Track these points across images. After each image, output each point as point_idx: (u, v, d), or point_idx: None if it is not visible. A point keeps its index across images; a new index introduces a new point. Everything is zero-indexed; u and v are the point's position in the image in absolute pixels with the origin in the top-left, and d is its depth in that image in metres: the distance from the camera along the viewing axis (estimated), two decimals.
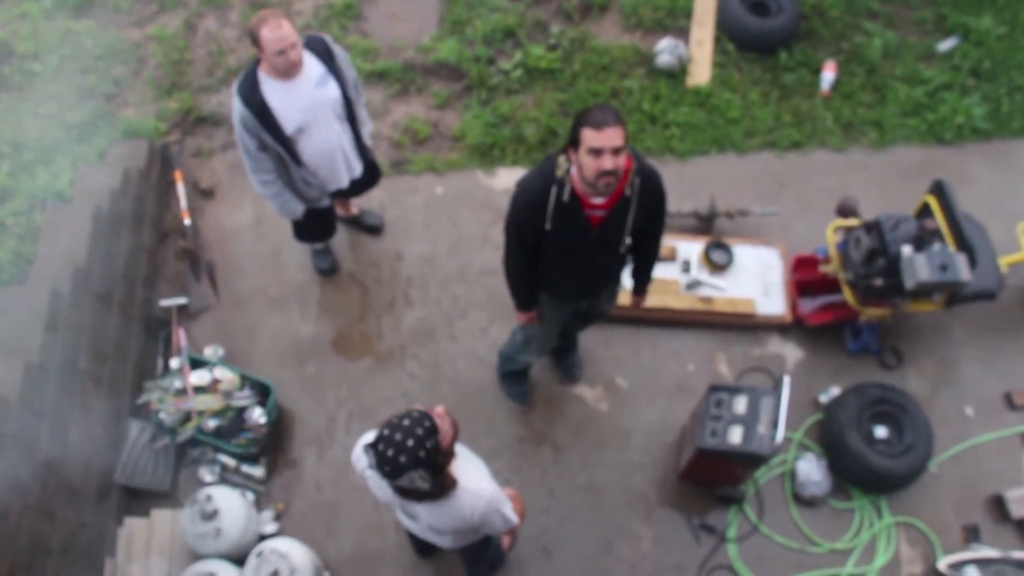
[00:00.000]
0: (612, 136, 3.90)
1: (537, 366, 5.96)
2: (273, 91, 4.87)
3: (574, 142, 4.01)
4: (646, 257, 4.84)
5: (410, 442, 3.36)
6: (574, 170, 4.11)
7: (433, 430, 3.41)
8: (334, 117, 5.12)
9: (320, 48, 4.98)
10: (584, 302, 4.97)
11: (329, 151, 5.23)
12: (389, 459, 3.36)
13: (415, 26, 7.48)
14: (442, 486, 3.58)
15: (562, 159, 4.16)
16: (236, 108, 4.89)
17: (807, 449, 5.89)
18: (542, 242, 4.39)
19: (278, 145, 5.01)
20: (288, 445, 5.84)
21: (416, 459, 3.36)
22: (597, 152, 3.92)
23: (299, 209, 5.43)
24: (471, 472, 3.79)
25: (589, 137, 3.92)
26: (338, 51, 5.08)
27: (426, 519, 3.87)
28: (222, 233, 6.52)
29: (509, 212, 4.38)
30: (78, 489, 5.19)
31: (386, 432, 3.39)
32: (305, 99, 4.94)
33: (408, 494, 3.55)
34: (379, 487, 3.82)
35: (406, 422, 3.40)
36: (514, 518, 3.96)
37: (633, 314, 5.99)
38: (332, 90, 5.03)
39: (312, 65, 4.94)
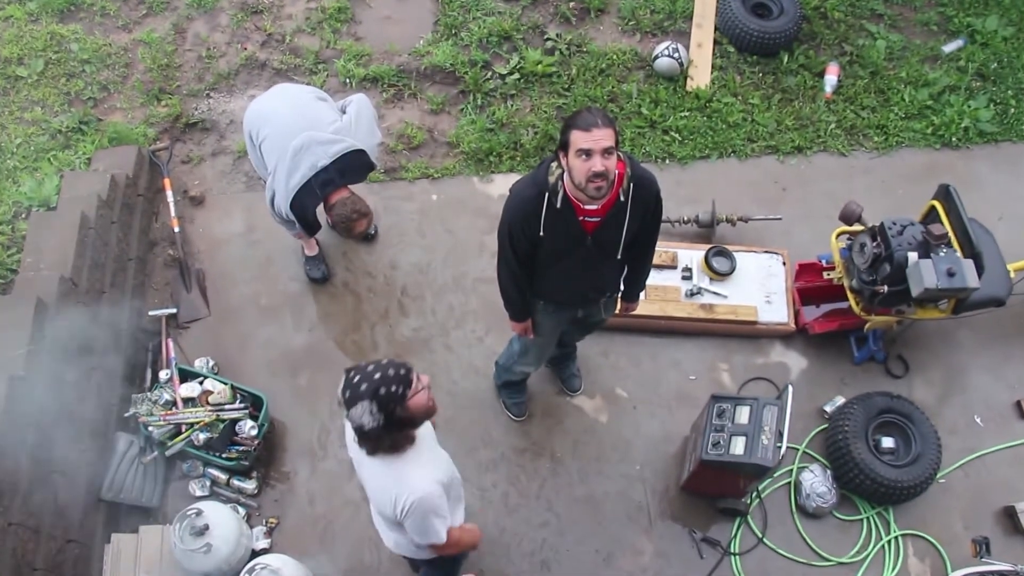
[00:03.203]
0: (601, 137, 3.85)
1: (535, 376, 5.87)
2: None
3: (563, 146, 3.97)
4: (640, 264, 4.77)
5: (377, 375, 3.39)
6: (567, 176, 4.04)
7: (406, 380, 3.40)
8: None
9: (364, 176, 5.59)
10: (581, 311, 4.89)
11: None
12: (351, 384, 3.41)
13: (409, 29, 7.41)
14: (393, 442, 3.54)
15: (555, 165, 4.11)
16: (286, 213, 5.33)
17: (812, 460, 5.81)
18: (536, 249, 4.34)
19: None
20: (280, 458, 5.74)
21: (374, 391, 3.37)
22: (587, 153, 3.87)
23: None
24: (421, 467, 3.68)
25: (578, 139, 3.88)
26: (373, 153, 5.50)
27: (368, 484, 3.82)
28: (212, 241, 6.43)
29: (502, 219, 4.34)
30: (64, 504, 5.10)
31: (362, 364, 3.45)
32: None
33: (361, 437, 3.53)
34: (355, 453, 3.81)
35: (384, 361, 3.44)
36: (439, 537, 3.79)
37: (633, 323, 5.95)
38: None
39: None
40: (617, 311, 5.13)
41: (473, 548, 4.32)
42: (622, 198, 4.13)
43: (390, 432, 3.48)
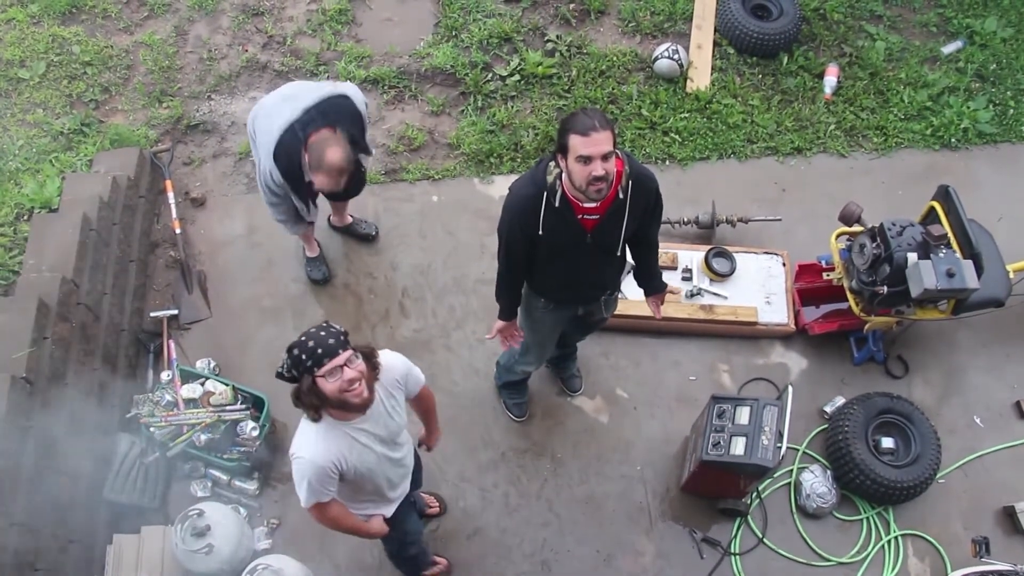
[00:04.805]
0: (600, 141, 3.84)
1: (536, 377, 5.86)
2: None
3: (562, 149, 3.95)
4: (646, 260, 4.78)
5: (303, 337, 3.55)
6: (565, 176, 4.05)
7: (316, 357, 3.50)
8: None
9: (356, 128, 5.24)
10: (581, 308, 4.89)
11: None
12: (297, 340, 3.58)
13: (410, 31, 7.40)
14: (298, 400, 3.66)
15: (552, 164, 4.11)
16: (271, 172, 5.12)
17: (812, 460, 5.81)
18: (536, 248, 4.34)
19: (297, 198, 5.37)
20: (281, 459, 5.72)
21: (290, 348, 3.56)
22: (586, 159, 3.86)
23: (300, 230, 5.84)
24: (324, 442, 3.73)
25: (577, 144, 3.86)
26: (366, 117, 5.37)
27: None
28: (214, 243, 6.43)
29: (502, 217, 4.34)
30: (65, 505, 5.09)
31: (325, 323, 3.61)
32: None
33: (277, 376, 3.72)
34: None
35: (323, 333, 3.55)
36: (301, 501, 3.86)
37: (633, 323, 5.94)
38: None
39: None
40: (655, 316, 5.08)
41: (361, 535, 4.39)
42: (620, 196, 4.14)
43: (298, 393, 3.62)
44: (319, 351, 3.48)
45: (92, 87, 6.89)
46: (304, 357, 3.49)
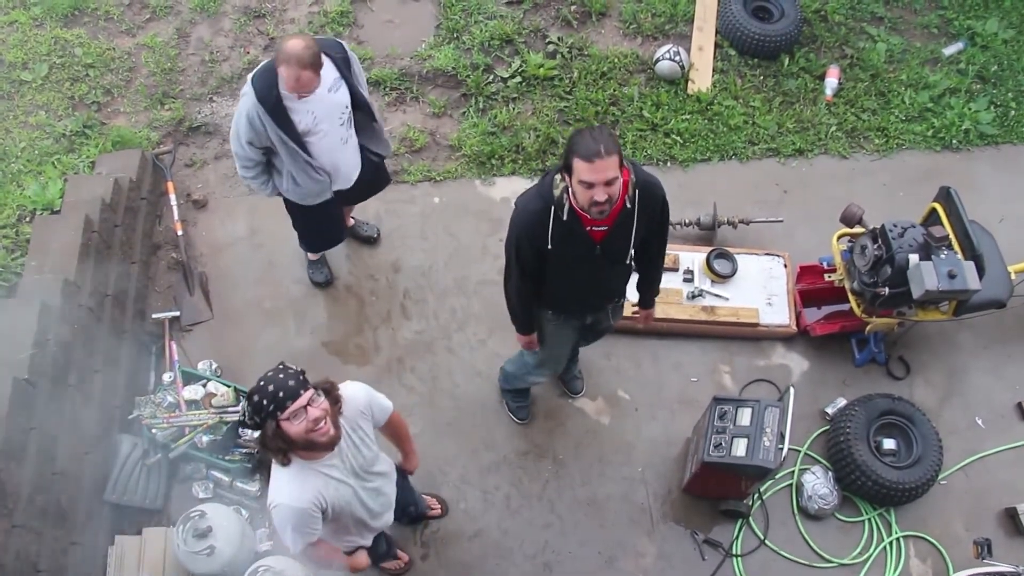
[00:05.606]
0: (604, 168, 3.79)
1: None
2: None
3: (567, 168, 3.93)
4: (651, 272, 4.78)
5: (262, 382, 3.46)
6: (571, 190, 4.04)
7: (278, 401, 3.42)
8: (340, 122, 5.12)
9: (337, 55, 4.97)
10: (590, 317, 4.89)
11: (332, 152, 5.20)
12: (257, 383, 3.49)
13: (411, 33, 7.41)
14: (266, 446, 3.59)
15: (559, 178, 4.08)
16: (247, 101, 4.84)
17: (814, 462, 5.80)
18: (544, 262, 4.32)
19: (291, 142, 4.97)
20: None
21: (250, 395, 3.47)
22: (589, 185, 3.84)
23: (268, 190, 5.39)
24: (299, 484, 3.66)
25: (580, 169, 3.83)
26: (354, 58, 5.09)
27: None
28: (215, 245, 6.43)
29: (509, 233, 4.32)
30: (67, 507, 5.09)
31: (281, 366, 3.53)
32: (316, 102, 4.91)
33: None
34: None
35: (281, 376, 3.47)
36: (290, 547, 3.81)
37: (634, 325, 5.91)
38: (343, 95, 5.03)
39: (327, 69, 4.88)
40: (637, 319, 5.15)
41: (350, 570, 4.33)
42: (628, 205, 4.11)
43: (263, 439, 3.54)
44: (280, 394, 3.41)
45: (94, 89, 6.90)
46: (266, 402, 3.41)
